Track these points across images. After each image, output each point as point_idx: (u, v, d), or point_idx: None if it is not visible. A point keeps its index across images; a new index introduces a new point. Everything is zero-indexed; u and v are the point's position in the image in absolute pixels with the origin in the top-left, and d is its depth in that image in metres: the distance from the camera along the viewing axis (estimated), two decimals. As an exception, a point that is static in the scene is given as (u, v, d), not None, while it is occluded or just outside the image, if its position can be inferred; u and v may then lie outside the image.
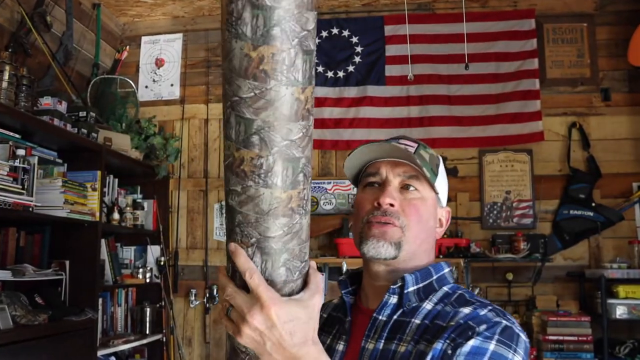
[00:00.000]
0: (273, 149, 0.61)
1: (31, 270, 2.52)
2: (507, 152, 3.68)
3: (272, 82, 0.58)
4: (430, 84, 3.79)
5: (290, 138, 0.61)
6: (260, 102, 0.59)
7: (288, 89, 0.58)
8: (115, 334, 3.33)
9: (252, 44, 0.57)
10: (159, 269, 3.67)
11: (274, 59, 0.57)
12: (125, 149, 3.38)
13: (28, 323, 2.35)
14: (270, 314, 0.63)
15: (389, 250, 0.94)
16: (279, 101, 0.59)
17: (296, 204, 0.65)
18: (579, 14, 3.76)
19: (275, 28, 0.56)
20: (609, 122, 3.64)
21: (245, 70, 0.58)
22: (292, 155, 0.62)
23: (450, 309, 0.88)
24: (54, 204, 2.64)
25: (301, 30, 0.57)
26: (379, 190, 0.98)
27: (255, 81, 0.58)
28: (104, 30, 3.86)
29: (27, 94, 2.66)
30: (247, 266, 0.64)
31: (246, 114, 0.60)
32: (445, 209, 1.05)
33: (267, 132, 0.60)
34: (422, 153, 0.99)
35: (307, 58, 0.59)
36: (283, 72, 0.58)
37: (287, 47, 0.57)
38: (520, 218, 3.62)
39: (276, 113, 0.59)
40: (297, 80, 0.59)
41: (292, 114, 0.60)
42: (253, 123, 0.60)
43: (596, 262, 3.49)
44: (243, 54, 0.57)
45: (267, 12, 0.55)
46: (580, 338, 3.09)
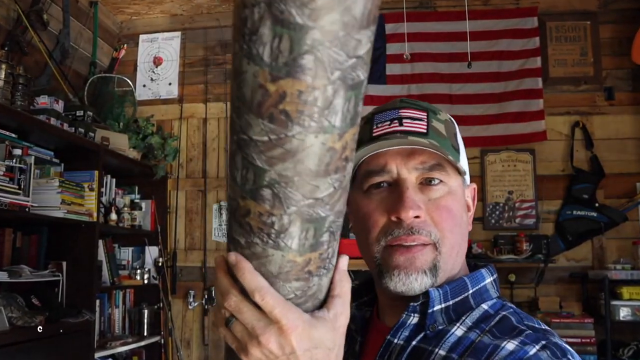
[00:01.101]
0: (290, 209, 0.47)
1: (28, 272, 2.52)
2: (510, 151, 3.68)
3: (295, 128, 0.43)
4: (431, 82, 3.79)
5: (315, 196, 0.47)
6: (277, 151, 0.44)
7: (318, 137, 0.43)
8: (112, 336, 3.32)
9: (270, 72, 0.41)
10: (157, 270, 3.67)
11: (301, 99, 0.41)
12: (123, 149, 3.38)
13: (24, 325, 2.35)
14: (291, 340, 0.51)
15: (423, 282, 0.71)
16: (303, 152, 0.44)
17: (315, 266, 0.53)
18: (582, 12, 3.75)
19: (306, 57, 0.39)
20: (613, 121, 3.64)
21: (258, 105, 0.43)
22: (315, 216, 0.49)
23: (488, 340, 0.66)
24: (50, 204, 2.64)
25: (347, 59, 0.41)
26: (392, 195, 0.73)
27: (271, 123, 0.43)
28: (101, 29, 3.86)
29: (24, 92, 2.65)
30: (256, 284, 0.51)
31: (257, 160, 0.45)
32: (470, 187, 0.82)
33: (283, 188, 0.46)
34: (435, 125, 0.75)
35: (353, 94, 0.43)
36: (313, 117, 0.42)
37: (322, 83, 0.41)
38: (523, 218, 3.62)
39: (298, 167, 0.45)
40: (332, 125, 0.43)
41: (322, 168, 0.45)
42: (265, 174, 0.46)
43: (599, 263, 3.49)
44: (257, 84, 0.42)
45: (295, 32, 0.39)
46: (584, 340, 3.09)
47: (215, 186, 3.91)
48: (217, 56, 4.04)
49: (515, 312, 0.72)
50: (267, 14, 0.39)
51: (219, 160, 3.94)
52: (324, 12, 0.38)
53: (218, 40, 4.06)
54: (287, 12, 0.38)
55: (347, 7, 0.38)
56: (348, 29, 0.39)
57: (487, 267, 0.78)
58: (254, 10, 0.39)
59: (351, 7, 0.38)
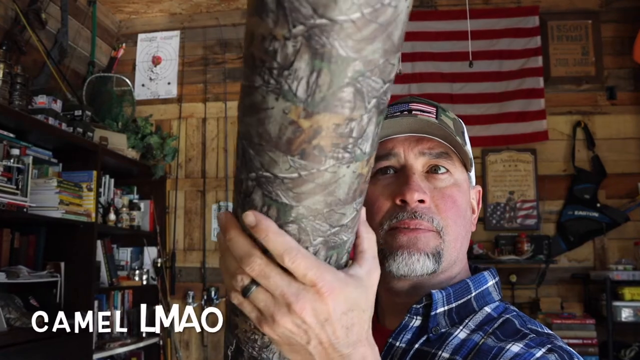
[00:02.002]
0: (316, 240, 0.46)
1: (26, 272, 2.52)
2: (511, 151, 3.68)
3: (329, 161, 0.41)
4: (432, 82, 3.79)
5: (341, 224, 0.46)
6: (307, 187, 0.42)
7: (350, 167, 0.42)
8: (111, 337, 3.32)
9: (304, 108, 0.38)
10: (156, 270, 3.67)
11: (337, 132, 0.40)
12: (122, 149, 3.38)
13: (22, 326, 2.35)
14: (328, 305, 0.46)
15: (426, 264, 0.70)
16: (335, 184, 0.43)
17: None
18: (583, 11, 3.76)
19: (346, 89, 0.38)
20: (614, 121, 3.64)
21: (288, 143, 0.40)
22: (339, 242, 0.48)
23: (492, 343, 0.66)
24: (48, 205, 2.64)
25: (382, 85, 0.39)
26: (398, 180, 0.73)
27: (302, 160, 0.41)
28: (99, 28, 3.86)
29: (22, 92, 2.66)
30: (285, 246, 0.45)
31: (282, 197, 0.43)
32: (475, 188, 0.82)
33: (310, 222, 0.44)
34: (444, 119, 0.75)
35: (381, 118, 0.43)
36: (348, 148, 0.41)
37: (359, 113, 0.39)
38: (524, 219, 3.62)
39: (329, 199, 0.43)
40: (364, 152, 0.42)
41: (350, 195, 0.45)
42: (291, 210, 0.44)
43: (601, 263, 3.49)
44: (287, 121, 0.39)
45: (337, 66, 0.36)
46: (585, 341, 3.09)
47: (215, 186, 3.91)
48: (216, 55, 4.04)
49: (519, 316, 0.72)
50: (305, 48, 0.36)
51: (218, 161, 3.94)
52: (367, 42, 0.36)
53: (217, 40, 4.06)
54: (329, 44, 0.36)
55: (389, 34, 0.37)
56: (387, 55, 0.38)
57: (489, 269, 0.78)
58: (287, 43, 0.36)
59: (393, 33, 0.37)
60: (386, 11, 0.36)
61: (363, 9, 0.35)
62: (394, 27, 0.37)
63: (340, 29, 0.35)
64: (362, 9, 0.35)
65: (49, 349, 2.52)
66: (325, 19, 0.35)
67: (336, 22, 0.35)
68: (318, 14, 0.35)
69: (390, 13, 0.36)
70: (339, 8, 0.34)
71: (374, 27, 0.36)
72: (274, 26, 0.36)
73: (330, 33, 0.35)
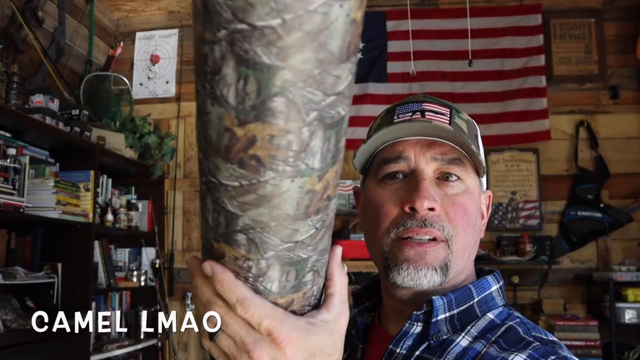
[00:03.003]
0: (267, 253, 0.45)
1: (22, 273, 2.52)
2: (513, 151, 3.68)
3: (268, 173, 0.39)
4: (433, 81, 3.79)
5: (295, 240, 0.44)
6: (249, 197, 0.41)
7: (295, 181, 0.40)
8: (109, 339, 3.32)
9: (236, 116, 0.37)
10: (154, 271, 3.67)
11: (273, 143, 0.38)
12: (119, 148, 3.38)
13: (19, 327, 2.35)
14: (285, 353, 0.47)
15: (433, 278, 0.69)
16: (279, 198, 0.41)
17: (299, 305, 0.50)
18: (586, 9, 3.76)
19: (276, 99, 0.36)
20: (618, 120, 3.64)
21: (226, 149, 0.39)
22: (296, 258, 0.46)
23: (495, 352, 0.64)
24: (45, 205, 2.64)
25: (324, 98, 0.37)
26: (407, 186, 0.71)
27: (242, 169, 0.40)
28: (97, 26, 3.86)
29: (18, 91, 2.65)
30: (237, 295, 0.47)
31: (228, 205, 0.43)
32: (486, 193, 0.79)
33: (258, 234, 0.43)
34: (457, 122, 0.73)
35: (333, 132, 0.40)
36: (288, 161, 0.39)
37: (296, 126, 0.37)
38: (526, 219, 3.62)
39: (274, 212, 0.42)
40: (311, 168, 0.40)
41: (301, 211, 0.43)
42: (238, 219, 0.43)
43: (604, 264, 3.49)
44: (223, 127, 0.38)
45: (263, 74, 0.35)
46: (588, 343, 3.09)
47: (213, 186, 3.91)
48: (215, 54, 4.04)
49: (522, 323, 0.70)
50: (230, 54, 0.34)
51: (217, 160, 3.94)
52: (294, 50, 0.34)
53: (216, 38, 4.06)
54: (252, 51, 0.34)
55: (321, 43, 0.34)
56: (324, 65, 0.35)
57: (493, 273, 0.76)
58: (215, 48, 0.35)
59: (327, 42, 0.34)
60: (313, 18, 0.33)
61: (284, 15, 0.32)
62: (328, 36, 0.34)
63: (261, 35, 0.33)
64: (283, 15, 0.32)
65: (46, 350, 2.51)
66: (245, 24, 0.33)
67: (256, 28, 0.33)
68: (238, 19, 0.33)
69: (319, 20, 0.33)
70: (257, 13, 0.33)
71: (299, 35, 0.33)
72: (203, 30, 0.35)
73: (251, 39, 0.34)
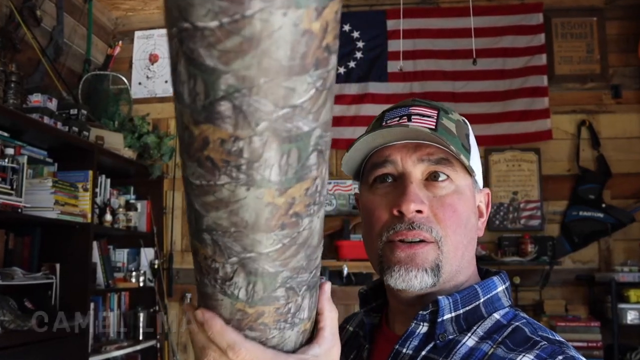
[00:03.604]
0: (231, 259, 0.45)
1: (20, 274, 2.52)
2: (514, 151, 3.68)
3: (223, 177, 0.39)
4: (434, 80, 3.79)
5: (258, 251, 0.44)
6: (209, 198, 0.41)
7: (250, 190, 0.40)
8: (107, 340, 3.32)
9: (191, 115, 0.37)
10: (153, 272, 3.67)
11: (225, 148, 0.38)
12: (118, 148, 3.38)
13: (17, 328, 2.35)
14: None
15: (424, 280, 0.70)
16: (236, 204, 0.41)
17: (272, 319, 0.50)
18: (588, 8, 3.76)
19: (223, 103, 0.35)
20: (620, 120, 3.64)
21: (187, 147, 0.40)
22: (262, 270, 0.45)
23: (502, 353, 0.65)
24: (44, 205, 2.64)
25: (275, 109, 0.36)
26: (395, 190, 0.73)
27: (200, 168, 0.40)
28: (95, 25, 3.86)
29: (16, 90, 2.66)
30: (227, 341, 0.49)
31: (194, 203, 0.43)
32: (483, 191, 0.80)
33: (220, 237, 0.43)
34: (445, 123, 0.75)
35: (294, 147, 0.39)
36: (241, 169, 0.38)
37: (246, 134, 0.37)
38: (528, 219, 3.62)
39: (232, 219, 0.41)
40: (267, 180, 0.39)
41: (262, 222, 0.42)
42: (202, 219, 0.43)
43: (606, 265, 3.49)
44: (183, 124, 0.39)
45: (208, 76, 0.34)
46: (590, 344, 3.09)
47: (213, 186, 3.91)
48: (214, 53, 4.04)
49: (529, 323, 0.71)
50: (180, 52, 0.35)
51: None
52: (234, 55, 0.33)
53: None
54: (196, 52, 0.34)
55: (264, 51, 0.33)
56: (270, 75, 0.34)
57: (499, 274, 0.77)
58: (172, 44, 0.35)
59: (271, 51, 0.33)
60: (252, 24, 0.32)
61: (221, 18, 0.32)
62: (272, 45, 0.33)
63: (202, 35, 0.33)
64: (220, 18, 0.32)
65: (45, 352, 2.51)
66: (188, 23, 0.33)
67: (197, 28, 0.33)
68: (182, 17, 0.33)
69: (259, 27, 0.32)
70: (196, 13, 0.32)
71: (239, 40, 0.33)
72: (165, 25, 0.36)
73: (195, 39, 0.33)
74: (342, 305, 3.78)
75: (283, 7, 0.32)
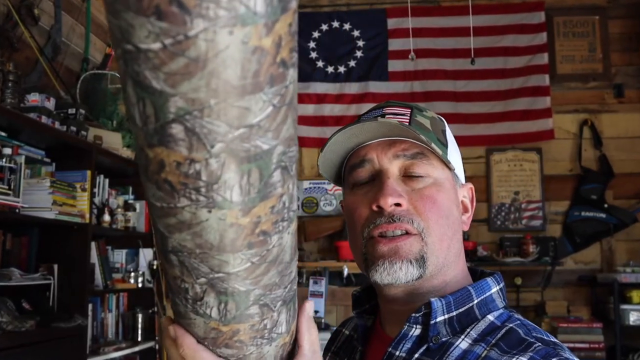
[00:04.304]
0: (199, 279, 0.44)
1: (18, 275, 2.52)
2: (516, 151, 3.68)
3: (182, 200, 0.38)
4: (435, 79, 3.79)
5: (225, 271, 0.43)
6: (170, 220, 0.40)
7: (212, 212, 0.39)
8: (105, 341, 3.32)
9: (145, 138, 0.36)
10: (152, 273, 3.67)
11: (181, 171, 0.37)
12: (117, 148, 3.38)
13: (15, 329, 2.35)
14: None
15: (410, 271, 0.70)
16: (198, 226, 0.40)
17: (248, 336, 0.49)
18: (590, 6, 3.75)
19: (174, 126, 0.34)
20: (622, 119, 3.64)
21: (145, 169, 0.39)
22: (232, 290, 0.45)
23: (496, 355, 0.65)
24: (41, 205, 2.64)
25: (230, 130, 0.35)
26: (374, 187, 0.73)
27: (159, 191, 0.39)
28: (94, 24, 3.86)
29: (14, 90, 2.65)
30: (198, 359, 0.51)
31: (157, 224, 0.42)
32: (466, 186, 0.81)
33: (186, 258, 0.42)
34: (419, 119, 0.75)
35: (254, 166, 0.38)
36: (200, 191, 0.37)
37: (202, 156, 0.36)
38: (529, 220, 3.62)
39: (197, 240, 0.41)
40: (229, 201, 0.38)
41: (227, 243, 0.41)
42: (167, 240, 0.42)
43: (609, 265, 3.49)
44: (139, 146, 0.38)
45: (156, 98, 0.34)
46: (592, 345, 3.09)
47: (212, 186, 3.91)
48: (213, 52, 4.04)
49: (523, 324, 0.71)
50: (126, 74, 0.34)
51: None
52: (181, 77, 0.32)
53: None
54: (142, 74, 0.33)
55: (212, 72, 0.32)
56: (221, 96, 0.33)
57: (493, 275, 0.76)
58: (120, 64, 0.34)
59: (218, 71, 0.32)
60: (196, 44, 0.31)
61: (163, 39, 0.31)
62: (220, 65, 0.32)
63: (145, 57, 0.32)
64: (163, 39, 0.31)
65: (42, 353, 2.51)
66: (130, 44, 0.32)
67: (140, 50, 0.32)
68: (125, 39, 0.32)
69: (204, 47, 0.31)
70: (137, 35, 0.31)
71: (184, 62, 0.32)
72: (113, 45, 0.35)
73: (139, 61, 0.32)
74: (343, 306, 3.78)
75: (228, 26, 0.31)
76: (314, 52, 3.94)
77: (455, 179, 0.77)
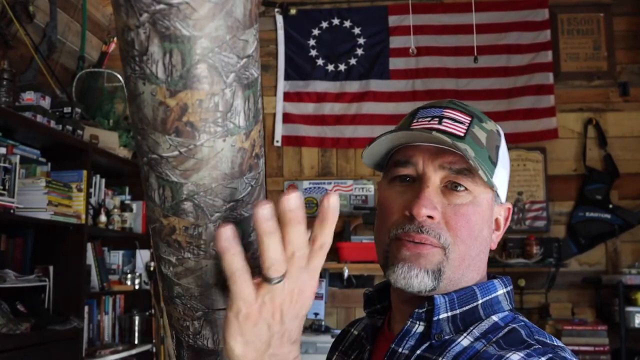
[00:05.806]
0: (213, 216, 0.50)
1: (12, 276, 2.52)
2: (519, 150, 3.68)
3: (203, 136, 0.45)
4: (437, 77, 3.79)
5: (235, 198, 0.50)
6: (189, 163, 0.47)
7: (226, 140, 0.46)
8: (102, 344, 3.32)
9: (167, 88, 0.43)
10: (149, 274, 3.67)
11: (203, 107, 0.44)
12: (113, 147, 3.38)
13: (9, 332, 2.35)
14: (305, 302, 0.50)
15: (424, 281, 0.71)
16: (215, 158, 0.47)
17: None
18: (595, 3, 3.76)
19: (199, 66, 0.42)
20: (627, 118, 3.64)
21: (162, 122, 0.45)
22: (239, 217, 0.51)
23: (493, 351, 0.66)
24: (37, 206, 2.64)
25: (238, 60, 0.44)
26: (411, 191, 0.74)
27: (179, 137, 0.45)
28: (90, 21, 3.86)
29: (8, 88, 2.65)
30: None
31: (171, 176, 0.48)
32: (504, 206, 0.81)
33: (203, 198, 0.49)
34: (475, 132, 0.75)
35: (250, 92, 0.46)
36: (217, 122, 0.45)
37: (220, 88, 0.44)
38: (533, 220, 3.62)
39: (214, 173, 0.47)
40: (238, 126, 0.46)
41: (236, 169, 0.48)
42: (182, 188, 0.48)
43: (614, 267, 3.49)
44: (157, 102, 0.44)
45: (184, 45, 0.41)
46: (597, 348, 3.09)
47: (210, 186, 3.91)
48: (211, 50, 4.04)
49: (526, 326, 0.72)
50: (154, 33, 0.41)
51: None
52: (207, 20, 0.41)
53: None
54: (172, 27, 0.41)
55: (228, 12, 0.41)
56: (233, 31, 0.43)
57: (501, 278, 0.78)
58: (139, 31, 0.41)
59: (232, 10, 0.42)
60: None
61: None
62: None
63: (177, 11, 0.40)
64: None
65: (37, 356, 2.51)
66: (163, 4, 0.39)
67: (172, 6, 0.39)
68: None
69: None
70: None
71: (209, 6, 0.40)
72: (127, 18, 0.41)
73: (170, 16, 0.40)
74: (343, 308, 3.78)
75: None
76: (313, 50, 3.95)
77: (495, 198, 0.78)
